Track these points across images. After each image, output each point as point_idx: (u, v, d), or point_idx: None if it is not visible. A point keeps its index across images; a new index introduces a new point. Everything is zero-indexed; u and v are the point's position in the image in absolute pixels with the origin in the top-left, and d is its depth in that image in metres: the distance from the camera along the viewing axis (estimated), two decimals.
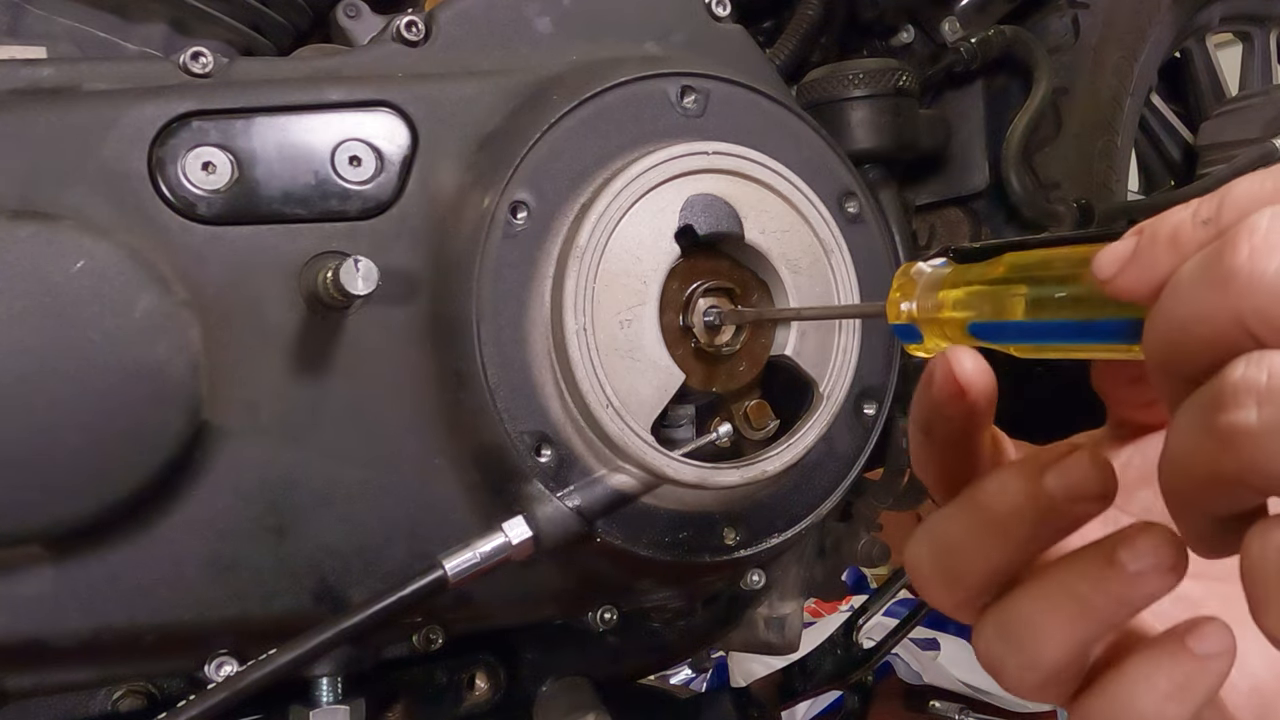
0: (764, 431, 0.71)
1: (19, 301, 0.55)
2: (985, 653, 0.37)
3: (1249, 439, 0.28)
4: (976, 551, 0.37)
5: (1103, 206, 0.95)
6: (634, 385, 0.64)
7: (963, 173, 0.99)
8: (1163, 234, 0.32)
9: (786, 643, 0.90)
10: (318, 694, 0.66)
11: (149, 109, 0.61)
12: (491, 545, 0.61)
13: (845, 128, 0.87)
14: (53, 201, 0.58)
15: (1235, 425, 0.28)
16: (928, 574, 0.39)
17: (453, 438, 0.66)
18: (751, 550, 0.71)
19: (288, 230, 0.63)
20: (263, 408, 0.63)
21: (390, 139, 0.65)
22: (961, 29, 0.97)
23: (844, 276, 0.70)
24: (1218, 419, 0.29)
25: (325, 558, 0.65)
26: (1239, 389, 0.28)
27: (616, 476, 0.65)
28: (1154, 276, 0.32)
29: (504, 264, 0.64)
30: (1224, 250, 0.29)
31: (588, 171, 0.66)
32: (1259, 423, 0.28)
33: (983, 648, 0.37)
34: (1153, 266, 0.32)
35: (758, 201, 0.68)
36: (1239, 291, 0.29)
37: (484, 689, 0.80)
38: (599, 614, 0.75)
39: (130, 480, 0.58)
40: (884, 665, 1.70)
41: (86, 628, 0.60)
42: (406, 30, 0.69)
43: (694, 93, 0.69)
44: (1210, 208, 0.31)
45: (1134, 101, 1.03)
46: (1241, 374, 0.28)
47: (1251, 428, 0.28)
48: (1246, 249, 0.28)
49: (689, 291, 0.67)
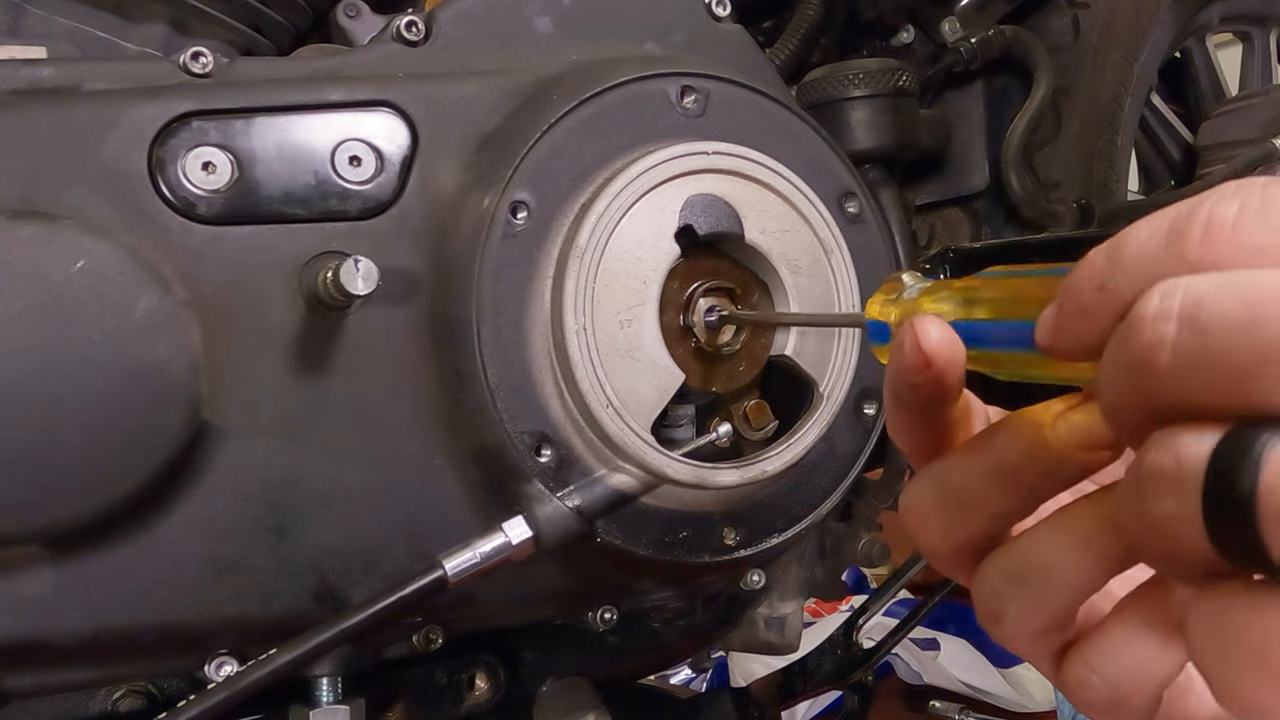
0: (763, 432, 0.71)
1: (19, 301, 0.55)
2: (989, 597, 0.37)
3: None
4: (984, 496, 0.37)
5: (1103, 206, 0.95)
6: (634, 385, 0.64)
7: (963, 173, 0.99)
8: (1070, 306, 0.32)
9: (786, 643, 0.90)
10: (318, 694, 0.66)
11: (149, 109, 0.61)
12: (491, 545, 0.61)
13: (845, 128, 0.87)
14: (53, 201, 0.58)
15: (1152, 352, 0.28)
16: (928, 517, 0.38)
17: (453, 438, 0.66)
18: (751, 550, 0.71)
19: (288, 230, 0.63)
20: (263, 408, 0.63)
21: (390, 139, 0.65)
22: (961, 29, 0.97)
23: (844, 276, 0.70)
24: (1132, 344, 0.29)
25: (325, 558, 0.65)
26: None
27: (616, 476, 0.65)
28: (1081, 345, 0.32)
29: (504, 264, 0.64)
30: (1124, 341, 0.29)
31: (588, 171, 0.66)
32: (1173, 342, 0.28)
33: (987, 591, 0.37)
34: (1077, 337, 0.32)
35: (758, 201, 0.68)
36: (1157, 377, 0.28)
37: (484, 689, 0.80)
38: (599, 614, 0.75)
39: (130, 480, 0.58)
40: (884, 665, 1.70)
41: (86, 628, 0.60)
42: (406, 30, 0.69)
43: (694, 93, 0.69)
44: (1103, 271, 0.31)
45: (1134, 101, 1.03)
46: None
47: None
48: (1146, 336, 0.28)
49: (689, 291, 0.67)
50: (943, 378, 0.36)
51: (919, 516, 0.39)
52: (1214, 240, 0.29)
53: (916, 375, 0.36)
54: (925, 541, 0.39)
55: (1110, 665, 0.35)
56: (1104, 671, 0.35)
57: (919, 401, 0.37)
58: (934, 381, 0.36)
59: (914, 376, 0.36)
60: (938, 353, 0.35)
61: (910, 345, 0.35)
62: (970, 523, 0.37)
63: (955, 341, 0.35)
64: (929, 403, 0.37)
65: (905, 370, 0.36)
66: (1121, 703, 0.35)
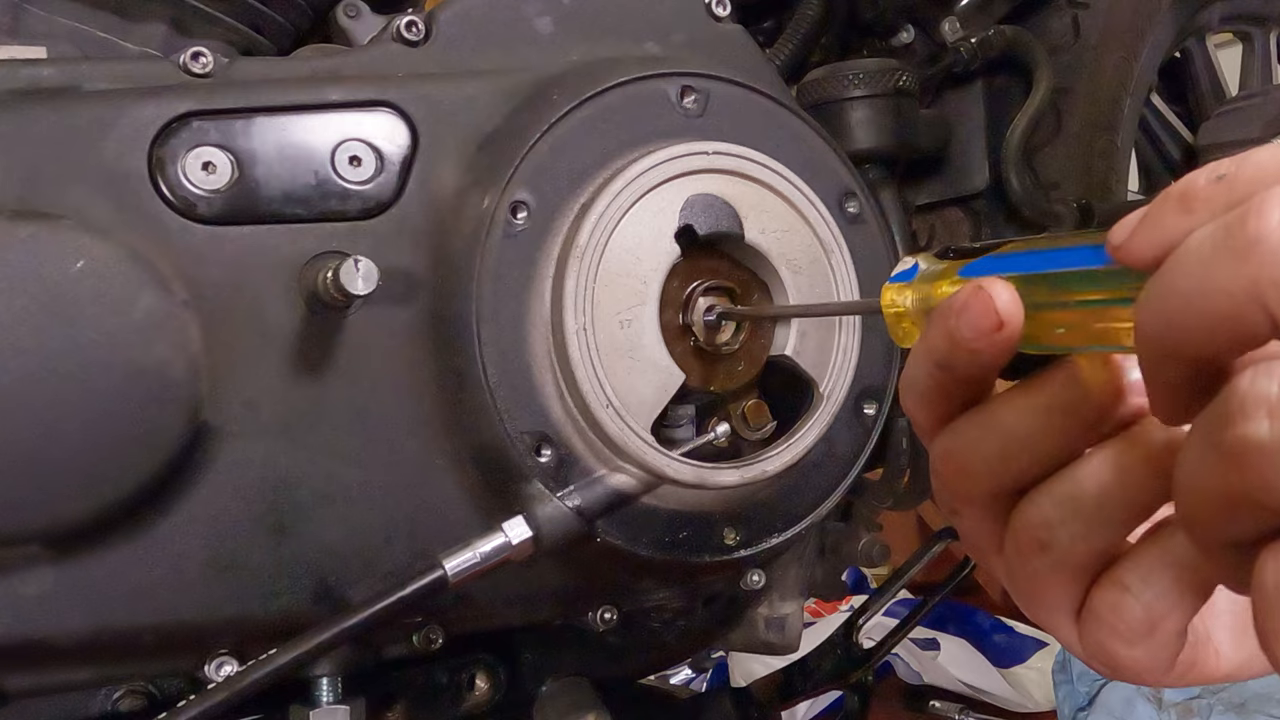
0: (761, 432, 0.71)
1: (19, 301, 0.55)
2: (1037, 525, 0.37)
3: (1260, 455, 0.26)
4: (1038, 436, 0.36)
5: (1103, 206, 0.95)
6: (634, 385, 0.64)
7: (963, 173, 0.99)
8: (1174, 193, 0.30)
9: (786, 643, 0.90)
10: (318, 694, 0.66)
11: (149, 109, 0.61)
12: (491, 545, 0.61)
13: (845, 128, 0.87)
14: (53, 201, 0.58)
15: (1246, 440, 0.26)
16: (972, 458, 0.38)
17: (453, 438, 0.66)
18: (751, 550, 0.71)
19: (288, 230, 0.63)
20: (263, 408, 0.63)
21: (390, 139, 0.65)
22: (961, 29, 0.97)
23: (844, 276, 0.70)
24: (1226, 434, 0.27)
25: (325, 558, 0.65)
26: (1247, 401, 0.26)
27: (616, 476, 0.65)
28: (1161, 240, 0.30)
29: (504, 264, 0.64)
30: (1248, 216, 0.26)
31: (588, 171, 0.66)
32: (1270, 436, 0.26)
33: (1036, 520, 0.37)
34: (1160, 228, 0.30)
35: (758, 201, 0.68)
36: (1261, 261, 0.26)
37: (484, 689, 0.80)
38: (599, 614, 0.75)
39: (130, 480, 0.58)
40: (884, 665, 1.70)
41: (86, 628, 0.60)
42: (406, 30, 0.69)
43: (694, 93, 0.69)
44: (1227, 165, 0.29)
45: (1134, 101, 1.03)
46: (1249, 385, 0.26)
47: (1263, 442, 0.26)
48: (1276, 215, 0.26)
49: (689, 291, 0.67)
50: (1008, 341, 0.35)
51: (961, 460, 0.38)
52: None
53: (983, 339, 0.35)
54: (963, 487, 0.39)
55: (1147, 584, 0.35)
56: (1140, 590, 0.35)
57: (974, 372, 0.37)
58: (998, 346, 0.35)
59: (981, 341, 0.35)
60: (1012, 314, 0.34)
61: (983, 308, 0.34)
62: (1021, 462, 0.37)
63: (1020, 305, 0.35)
64: (985, 369, 0.37)
65: (972, 335, 0.35)
66: (1157, 624, 0.35)
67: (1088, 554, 0.36)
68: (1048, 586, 0.37)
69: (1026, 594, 0.39)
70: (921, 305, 0.41)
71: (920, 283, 0.41)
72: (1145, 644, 0.36)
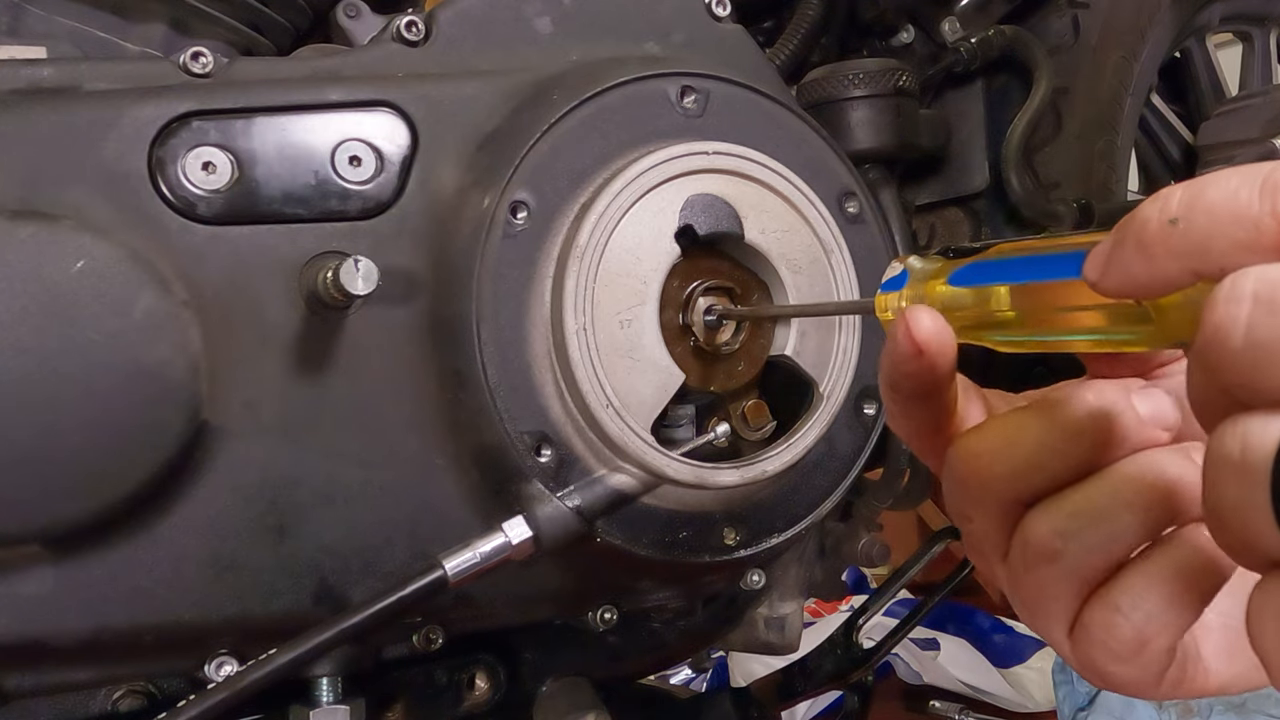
0: (761, 432, 0.71)
1: (19, 301, 0.55)
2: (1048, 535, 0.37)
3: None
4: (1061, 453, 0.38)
5: (1103, 206, 0.95)
6: (634, 385, 0.64)
7: (963, 173, 0.99)
8: (1130, 235, 0.32)
9: (786, 643, 0.90)
10: (318, 694, 0.66)
11: (149, 109, 0.61)
12: (491, 545, 0.61)
13: (845, 128, 0.87)
14: (53, 201, 0.58)
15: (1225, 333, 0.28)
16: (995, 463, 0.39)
17: (453, 438, 0.66)
18: (751, 550, 0.71)
19: (288, 230, 0.63)
20: (263, 408, 0.63)
21: (390, 139, 0.65)
22: (961, 29, 0.97)
23: (844, 276, 0.70)
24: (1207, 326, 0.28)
25: (325, 558, 0.65)
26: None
27: (616, 476, 0.65)
28: (1133, 285, 0.32)
29: (504, 264, 0.64)
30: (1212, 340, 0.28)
31: (588, 171, 0.66)
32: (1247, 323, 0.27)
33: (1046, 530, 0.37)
34: (1127, 274, 0.32)
35: (758, 201, 0.68)
36: (1220, 371, 0.28)
37: (484, 689, 0.80)
38: (599, 614, 0.75)
39: (130, 480, 0.58)
40: (884, 665, 1.70)
41: (86, 628, 0.60)
42: (406, 30, 0.69)
43: (694, 93, 0.69)
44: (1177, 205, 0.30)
45: (1134, 101, 1.03)
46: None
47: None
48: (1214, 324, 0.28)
49: (689, 291, 0.67)
50: (935, 365, 0.37)
51: (986, 462, 0.39)
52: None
53: (909, 364, 0.38)
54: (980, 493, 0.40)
55: (1136, 605, 0.36)
56: (1130, 610, 0.36)
57: (915, 390, 0.39)
58: (927, 369, 0.38)
59: (907, 365, 0.38)
60: (929, 341, 0.37)
61: (903, 335, 0.37)
62: (1044, 475, 0.38)
63: (945, 329, 0.37)
64: (924, 390, 0.39)
65: (899, 360, 0.38)
66: (1146, 644, 0.36)
67: (1096, 567, 0.37)
68: (1051, 597, 0.38)
69: (1028, 602, 0.39)
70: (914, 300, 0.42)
71: (914, 283, 0.42)
72: (1135, 661, 0.37)
